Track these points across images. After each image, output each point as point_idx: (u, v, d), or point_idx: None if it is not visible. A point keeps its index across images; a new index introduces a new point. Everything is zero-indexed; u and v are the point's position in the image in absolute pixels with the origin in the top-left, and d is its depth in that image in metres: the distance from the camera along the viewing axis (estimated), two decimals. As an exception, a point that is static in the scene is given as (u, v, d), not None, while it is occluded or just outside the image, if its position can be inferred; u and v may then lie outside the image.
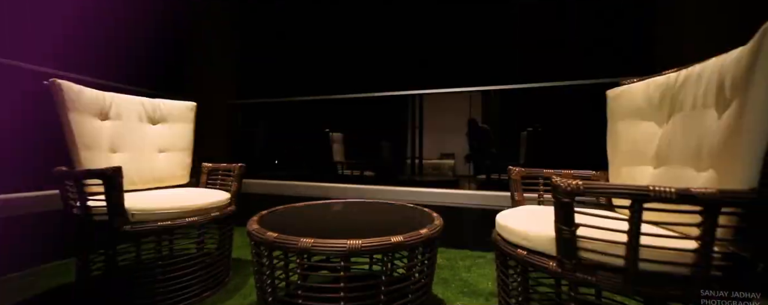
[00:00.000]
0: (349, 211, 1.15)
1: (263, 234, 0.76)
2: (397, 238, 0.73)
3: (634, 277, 0.57)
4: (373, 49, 2.74)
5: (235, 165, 1.35)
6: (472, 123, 3.28)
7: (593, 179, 1.04)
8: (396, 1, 2.61)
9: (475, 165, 3.16)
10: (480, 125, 3.24)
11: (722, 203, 0.52)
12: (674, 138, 0.79)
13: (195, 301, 1.07)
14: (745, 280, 0.55)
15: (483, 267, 1.40)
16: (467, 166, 3.48)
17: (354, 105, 3.03)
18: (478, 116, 3.38)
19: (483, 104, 3.48)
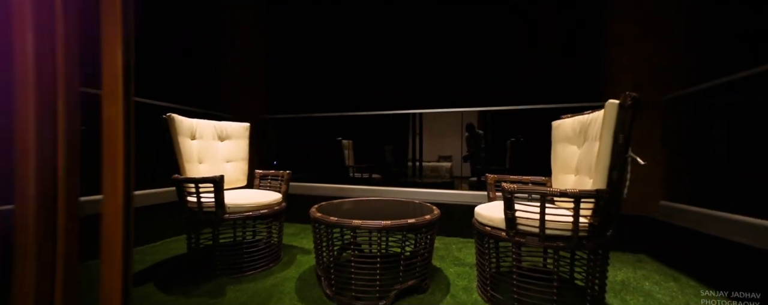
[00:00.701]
0: (370, 205, 1.64)
1: (327, 218, 1.25)
2: (411, 220, 1.23)
3: (543, 238, 1.07)
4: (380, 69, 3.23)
5: (284, 172, 1.84)
6: (471, 128, 3.85)
7: (542, 183, 1.54)
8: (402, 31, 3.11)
9: (471, 165, 3.70)
10: (476, 131, 3.80)
11: (582, 196, 1.02)
12: (583, 157, 1.29)
13: (266, 269, 1.57)
14: (598, 238, 1.05)
15: (470, 248, 1.89)
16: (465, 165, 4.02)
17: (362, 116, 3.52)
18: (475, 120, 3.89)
19: (478, 112, 3.99)
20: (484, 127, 3.75)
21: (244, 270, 1.50)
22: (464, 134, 4.07)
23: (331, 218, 1.25)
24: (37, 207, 0.55)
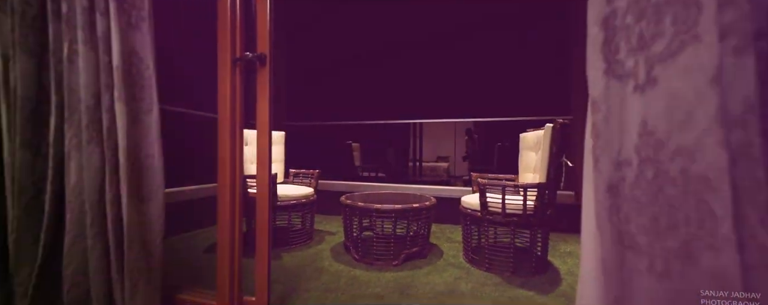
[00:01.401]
0: (382, 196, 2.19)
1: (356, 203, 1.81)
2: (415, 205, 1.79)
3: (504, 216, 1.63)
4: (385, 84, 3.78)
5: (314, 171, 2.40)
6: (469, 132, 4.48)
7: (511, 179, 2.10)
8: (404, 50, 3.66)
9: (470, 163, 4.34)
10: (473, 134, 4.42)
11: (527, 187, 1.58)
12: (538, 160, 1.86)
13: (305, 244, 2.12)
14: (541, 216, 1.62)
15: (460, 231, 2.45)
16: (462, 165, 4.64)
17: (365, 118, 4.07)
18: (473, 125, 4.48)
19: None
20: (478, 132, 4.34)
21: (290, 245, 2.06)
22: (464, 137, 4.71)
23: (359, 203, 1.81)
24: (231, 188, 1.10)
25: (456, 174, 4.82)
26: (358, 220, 1.87)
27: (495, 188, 1.67)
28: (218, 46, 1.09)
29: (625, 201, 0.55)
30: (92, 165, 0.94)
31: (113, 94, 0.94)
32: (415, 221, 1.86)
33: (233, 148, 1.13)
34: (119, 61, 0.93)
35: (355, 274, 1.65)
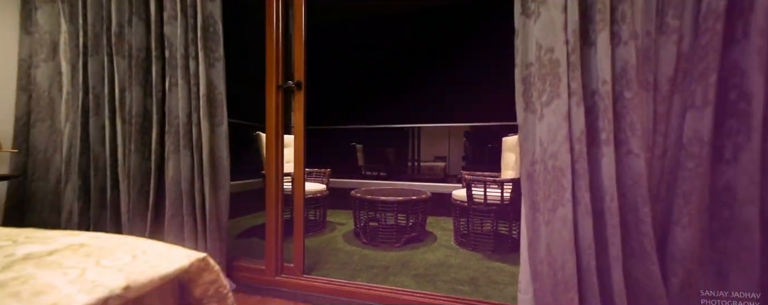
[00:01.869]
0: (385, 191, 2.60)
1: (365, 196, 2.23)
2: (414, 197, 2.21)
3: (486, 206, 2.06)
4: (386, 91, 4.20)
5: (326, 170, 2.81)
6: (467, 134, 4.93)
7: (495, 176, 2.51)
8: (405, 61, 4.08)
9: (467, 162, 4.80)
10: (471, 137, 4.87)
11: (503, 182, 2.00)
12: (515, 160, 2.28)
13: (320, 232, 2.54)
14: (515, 206, 2.04)
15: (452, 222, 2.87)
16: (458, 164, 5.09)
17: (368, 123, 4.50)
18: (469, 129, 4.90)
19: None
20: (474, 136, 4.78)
21: (308, 232, 2.47)
22: (463, 139, 5.14)
23: (367, 196, 2.23)
24: (275, 179, 1.52)
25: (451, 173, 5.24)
26: (365, 211, 2.29)
27: (478, 184, 2.09)
28: (266, 78, 1.51)
29: (534, 183, 0.97)
30: (185, 164, 1.36)
31: (200, 113, 1.35)
32: (414, 211, 2.28)
33: (277, 152, 1.54)
34: (204, 91, 1.34)
35: (365, 253, 2.07)
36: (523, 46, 0.97)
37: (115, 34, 1.40)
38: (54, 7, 1.52)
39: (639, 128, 0.81)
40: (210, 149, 1.36)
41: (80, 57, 1.44)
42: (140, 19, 1.38)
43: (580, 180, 0.84)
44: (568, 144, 0.85)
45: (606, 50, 0.83)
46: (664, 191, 0.83)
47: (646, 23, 0.83)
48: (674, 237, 0.81)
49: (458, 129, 5.01)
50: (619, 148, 0.84)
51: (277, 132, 1.53)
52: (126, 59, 1.39)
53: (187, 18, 1.34)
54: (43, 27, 1.52)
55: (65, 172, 1.50)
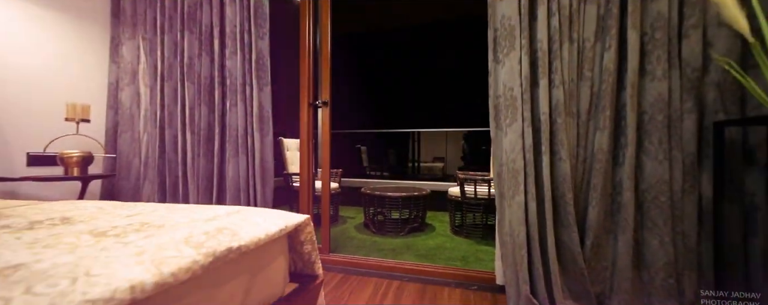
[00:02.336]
0: (390, 188, 3.05)
1: (374, 192, 2.68)
2: (415, 193, 2.66)
3: (475, 199, 2.50)
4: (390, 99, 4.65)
5: (338, 170, 3.25)
6: (466, 138, 5.40)
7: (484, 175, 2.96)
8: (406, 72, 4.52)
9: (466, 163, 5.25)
10: (468, 140, 5.32)
11: (491, 180, 2.45)
12: (500, 163, 2.73)
13: (334, 224, 2.98)
14: (499, 199, 2.48)
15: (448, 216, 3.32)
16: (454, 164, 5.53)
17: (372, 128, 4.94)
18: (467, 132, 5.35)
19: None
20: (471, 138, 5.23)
21: (325, 223, 2.92)
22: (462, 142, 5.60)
23: (376, 192, 2.67)
24: (307, 179, 1.97)
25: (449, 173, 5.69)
26: (374, 205, 2.74)
27: (470, 182, 2.54)
28: (301, 97, 1.95)
29: (501, 180, 1.42)
30: (242, 166, 1.80)
31: (253, 127, 1.79)
32: (415, 205, 2.73)
33: (309, 157, 1.98)
34: (256, 110, 1.78)
35: (375, 240, 2.52)
36: (494, 83, 1.41)
37: (187, 65, 1.84)
38: (135, 43, 1.96)
39: (566, 143, 1.26)
40: (260, 154, 1.80)
41: (158, 82, 1.88)
42: (207, 54, 1.83)
43: (529, 178, 1.28)
44: (522, 153, 1.29)
45: (545, 91, 1.27)
46: (581, 184, 1.28)
47: (571, 73, 1.27)
48: (588, 214, 1.25)
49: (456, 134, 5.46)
50: (553, 156, 1.28)
51: (309, 140, 1.97)
52: (195, 85, 1.83)
53: (244, 54, 1.78)
54: (126, 58, 1.96)
55: (143, 172, 1.94)
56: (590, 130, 1.28)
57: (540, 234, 1.28)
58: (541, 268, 1.26)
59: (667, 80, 1.15)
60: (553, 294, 1.23)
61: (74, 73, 1.86)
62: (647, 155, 1.19)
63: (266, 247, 0.83)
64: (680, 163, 1.15)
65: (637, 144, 1.19)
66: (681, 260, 1.14)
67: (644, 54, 1.19)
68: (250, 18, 1.76)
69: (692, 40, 1.13)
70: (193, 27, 1.84)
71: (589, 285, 1.24)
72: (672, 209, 1.15)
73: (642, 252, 1.20)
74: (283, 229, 0.84)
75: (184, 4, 1.84)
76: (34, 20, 1.67)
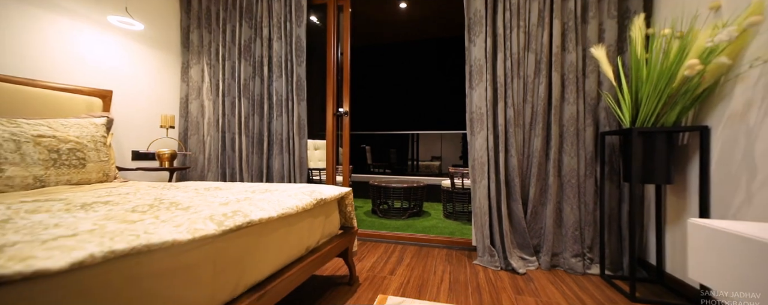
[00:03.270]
0: (392, 180, 3.72)
1: (380, 182, 3.35)
2: (414, 184, 3.33)
3: (463, 190, 3.18)
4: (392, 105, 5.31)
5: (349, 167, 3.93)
6: (464, 138, 6.08)
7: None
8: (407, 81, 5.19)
9: (464, 161, 5.93)
10: (465, 141, 6.00)
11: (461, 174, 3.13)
12: (484, 160, 3.41)
13: (348, 210, 3.66)
14: (481, 189, 3.16)
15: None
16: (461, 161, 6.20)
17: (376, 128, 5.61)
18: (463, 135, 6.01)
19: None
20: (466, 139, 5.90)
21: (339, 209, 3.59)
22: (460, 143, 6.29)
23: (382, 184, 3.35)
24: (331, 172, 2.64)
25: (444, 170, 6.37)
26: (381, 195, 3.41)
27: (458, 175, 3.21)
28: (327, 107, 2.61)
29: (474, 171, 2.09)
30: (285, 162, 2.46)
31: (293, 133, 2.45)
32: (414, 195, 3.41)
33: (334, 155, 2.65)
34: (296, 120, 2.44)
35: (382, 222, 3.19)
36: (469, 103, 2.08)
37: (243, 85, 2.50)
38: (199, 67, 2.62)
39: (515, 145, 1.93)
40: (298, 153, 2.47)
41: (219, 97, 2.54)
42: (259, 77, 2.49)
43: (491, 168, 1.95)
44: (486, 152, 1.97)
45: (502, 110, 1.94)
46: (525, 172, 1.95)
47: (519, 98, 1.95)
48: (529, 192, 1.92)
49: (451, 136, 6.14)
50: (507, 153, 1.96)
51: (334, 142, 2.64)
52: (249, 100, 2.50)
53: (286, 77, 2.44)
54: (193, 78, 2.62)
55: (207, 166, 2.60)
56: (531, 136, 1.95)
57: (497, 206, 1.95)
58: (498, 228, 1.94)
59: (576, 104, 1.83)
60: (505, 245, 1.91)
61: (158, 90, 2.51)
62: (565, 153, 1.86)
63: (331, 203, 1.50)
64: (584, 158, 1.82)
65: (559, 146, 1.87)
66: (583, 219, 1.82)
67: (563, 87, 1.87)
68: (291, 51, 2.43)
69: (590, 79, 1.81)
70: (248, 57, 2.51)
71: (529, 239, 1.92)
72: (578, 187, 1.83)
73: (561, 215, 1.88)
74: (339, 194, 1.50)
75: (241, 39, 2.50)
76: (134, 54, 2.33)
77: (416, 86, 5.20)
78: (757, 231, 0.84)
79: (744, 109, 1.23)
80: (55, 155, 1.55)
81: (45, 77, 1.87)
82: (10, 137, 1.43)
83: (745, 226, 0.92)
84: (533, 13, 1.91)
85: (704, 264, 0.99)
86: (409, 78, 5.26)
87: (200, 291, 0.76)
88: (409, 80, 5.26)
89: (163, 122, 2.35)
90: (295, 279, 1.14)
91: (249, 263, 0.93)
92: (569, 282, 1.69)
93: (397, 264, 1.96)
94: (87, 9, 2.04)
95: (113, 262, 0.59)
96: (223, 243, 0.83)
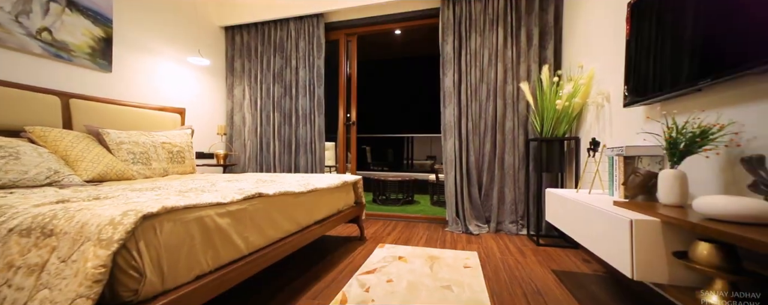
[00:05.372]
0: (389, 176, 4.69)
1: (380, 178, 4.34)
2: (407, 178, 4.32)
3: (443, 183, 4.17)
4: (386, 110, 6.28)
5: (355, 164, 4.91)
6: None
7: (455, 167, 4.63)
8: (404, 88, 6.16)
9: None
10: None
11: (454, 169, 4.12)
12: (463, 158, 4.41)
13: (352, 200, 4.64)
14: (460, 181, 4.15)
15: (431, 196, 4.99)
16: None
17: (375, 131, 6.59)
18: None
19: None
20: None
21: (345, 199, 4.58)
22: None
23: (381, 178, 4.34)
24: (343, 167, 3.61)
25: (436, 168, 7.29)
26: (380, 188, 4.40)
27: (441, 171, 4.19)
28: (339, 116, 3.58)
29: (446, 165, 3.07)
30: (308, 160, 3.42)
31: (315, 138, 3.42)
32: (407, 187, 4.40)
33: (343, 155, 3.62)
34: (317, 129, 3.42)
35: (382, 208, 4.18)
36: (443, 118, 3.06)
37: (276, 102, 3.46)
38: (241, 88, 3.59)
39: (473, 148, 2.91)
40: (318, 154, 3.44)
41: (257, 111, 3.51)
42: (289, 96, 3.46)
43: (457, 164, 2.93)
44: (454, 152, 2.95)
45: (465, 123, 2.93)
46: (480, 166, 2.93)
47: (476, 116, 2.93)
48: (482, 180, 2.90)
49: (441, 135, 7.10)
50: (468, 154, 2.94)
51: (344, 144, 3.61)
52: (280, 114, 3.46)
53: (309, 96, 3.41)
54: (236, 96, 3.59)
55: (247, 163, 3.56)
56: (484, 142, 2.93)
57: (461, 190, 2.93)
58: (461, 205, 2.92)
59: (512, 120, 2.81)
60: (465, 217, 2.89)
61: (212, 106, 3.47)
62: (506, 153, 2.85)
63: (349, 185, 2.47)
64: (518, 157, 2.81)
65: (502, 148, 2.86)
66: (517, 198, 2.81)
67: (505, 109, 2.85)
68: (313, 77, 3.40)
69: (521, 104, 2.79)
70: (280, 81, 3.48)
71: (482, 212, 2.90)
72: (514, 176, 2.81)
73: (503, 196, 2.86)
74: (354, 179, 2.47)
75: (274, 67, 3.47)
76: (198, 80, 3.29)
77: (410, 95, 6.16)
78: (568, 194, 1.83)
79: (589, 127, 2.21)
80: (170, 155, 2.52)
81: (147, 101, 2.84)
82: (151, 144, 2.39)
83: (566, 191, 1.91)
84: (485, 57, 2.89)
85: (550, 211, 1.99)
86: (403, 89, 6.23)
87: (301, 218, 1.74)
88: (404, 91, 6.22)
89: (219, 130, 3.32)
90: (334, 223, 2.12)
91: (316, 209, 1.91)
92: (505, 239, 2.68)
93: (392, 230, 2.95)
94: (176, 53, 3.02)
95: (217, 207, 1.56)
96: (306, 197, 1.80)
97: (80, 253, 0.82)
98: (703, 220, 0.95)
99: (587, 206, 1.45)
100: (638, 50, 1.58)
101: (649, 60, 1.50)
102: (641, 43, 1.56)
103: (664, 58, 1.40)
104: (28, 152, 1.69)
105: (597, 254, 1.34)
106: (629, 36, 1.64)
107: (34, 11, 2.04)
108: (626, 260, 1.11)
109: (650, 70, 1.49)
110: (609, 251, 1.23)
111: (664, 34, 1.41)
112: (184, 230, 1.03)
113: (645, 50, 1.53)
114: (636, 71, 1.60)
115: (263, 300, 1.59)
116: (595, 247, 1.36)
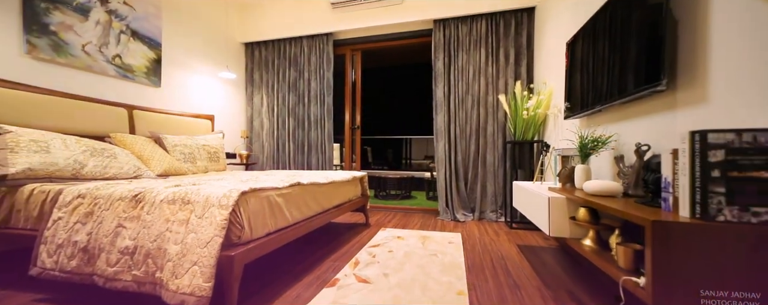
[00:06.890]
0: (389, 173, 5.32)
1: (382, 175, 4.97)
2: (405, 175, 4.95)
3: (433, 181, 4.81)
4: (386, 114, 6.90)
5: (356, 163, 5.55)
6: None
7: (448, 166, 5.26)
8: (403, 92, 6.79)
9: None
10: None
11: (447, 168, 4.75)
12: (456, 158, 5.04)
13: (356, 196, 5.28)
14: (452, 179, 4.78)
15: (427, 193, 5.63)
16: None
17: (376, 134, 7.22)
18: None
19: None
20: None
21: (350, 195, 5.22)
22: None
23: (383, 175, 4.97)
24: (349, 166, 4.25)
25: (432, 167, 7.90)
26: (382, 184, 5.03)
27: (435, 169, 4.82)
28: (345, 122, 4.21)
29: (437, 164, 3.70)
30: (320, 159, 4.04)
31: (324, 140, 4.05)
32: (405, 184, 5.03)
33: (351, 155, 4.25)
34: (327, 132, 4.05)
35: (383, 202, 4.81)
36: (435, 123, 3.69)
37: (291, 109, 4.09)
38: (259, 96, 4.21)
39: (460, 149, 3.54)
40: (328, 153, 4.07)
41: (275, 117, 4.13)
42: (302, 104, 4.09)
43: (447, 163, 3.56)
44: (444, 153, 3.58)
45: (453, 128, 3.56)
46: (466, 164, 3.56)
47: (463, 121, 3.56)
48: (468, 176, 3.53)
49: (438, 136, 7.73)
50: (456, 153, 3.57)
51: (351, 148, 4.25)
52: (294, 119, 4.09)
53: (320, 104, 4.04)
54: (256, 103, 4.22)
55: (265, 162, 4.18)
56: (469, 144, 3.56)
57: (450, 184, 3.56)
58: (450, 197, 3.55)
59: (493, 126, 3.44)
60: (454, 207, 3.52)
61: (233, 112, 4.10)
62: (488, 154, 3.48)
63: (357, 179, 3.10)
64: (497, 157, 3.44)
65: (485, 149, 3.48)
66: (497, 191, 3.43)
67: (486, 116, 3.48)
68: (324, 87, 4.02)
69: (500, 113, 3.42)
70: (294, 91, 4.10)
71: (468, 203, 3.53)
72: (494, 173, 3.44)
73: (485, 189, 3.49)
74: (361, 175, 3.10)
75: (289, 79, 4.10)
76: (223, 90, 3.91)
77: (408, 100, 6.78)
78: (526, 185, 2.47)
79: (549, 133, 2.85)
80: (209, 155, 3.14)
81: (185, 110, 3.46)
82: (195, 146, 3.02)
83: (526, 183, 2.55)
84: (470, 72, 3.52)
85: (516, 199, 2.62)
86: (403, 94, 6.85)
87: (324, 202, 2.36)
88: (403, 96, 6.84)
89: (242, 134, 3.95)
90: (346, 208, 2.75)
91: (334, 196, 2.54)
92: (485, 225, 3.31)
93: (393, 218, 3.58)
94: (208, 68, 3.65)
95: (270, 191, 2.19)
96: (327, 186, 2.43)
97: (210, 212, 1.45)
98: (585, 196, 1.57)
99: (534, 192, 2.08)
100: (572, 78, 2.21)
101: (577, 86, 2.14)
102: (573, 73, 2.19)
103: (583, 86, 2.03)
104: (119, 153, 2.31)
105: (534, 222, 1.98)
106: (567, 67, 2.27)
107: (111, 42, 2.66)
108: (545, 223, 1.74)
109: (578, 93, 2.13)
110: (539, 219, 1.87)
111: (581, 70, 2.05)
112: (259, 203, 1.65)
113: (576, 78, 2.16)
114: (572, 93, 2.23)
115: (303, 257, 2.23)
116: (534, 218, 1.99)
